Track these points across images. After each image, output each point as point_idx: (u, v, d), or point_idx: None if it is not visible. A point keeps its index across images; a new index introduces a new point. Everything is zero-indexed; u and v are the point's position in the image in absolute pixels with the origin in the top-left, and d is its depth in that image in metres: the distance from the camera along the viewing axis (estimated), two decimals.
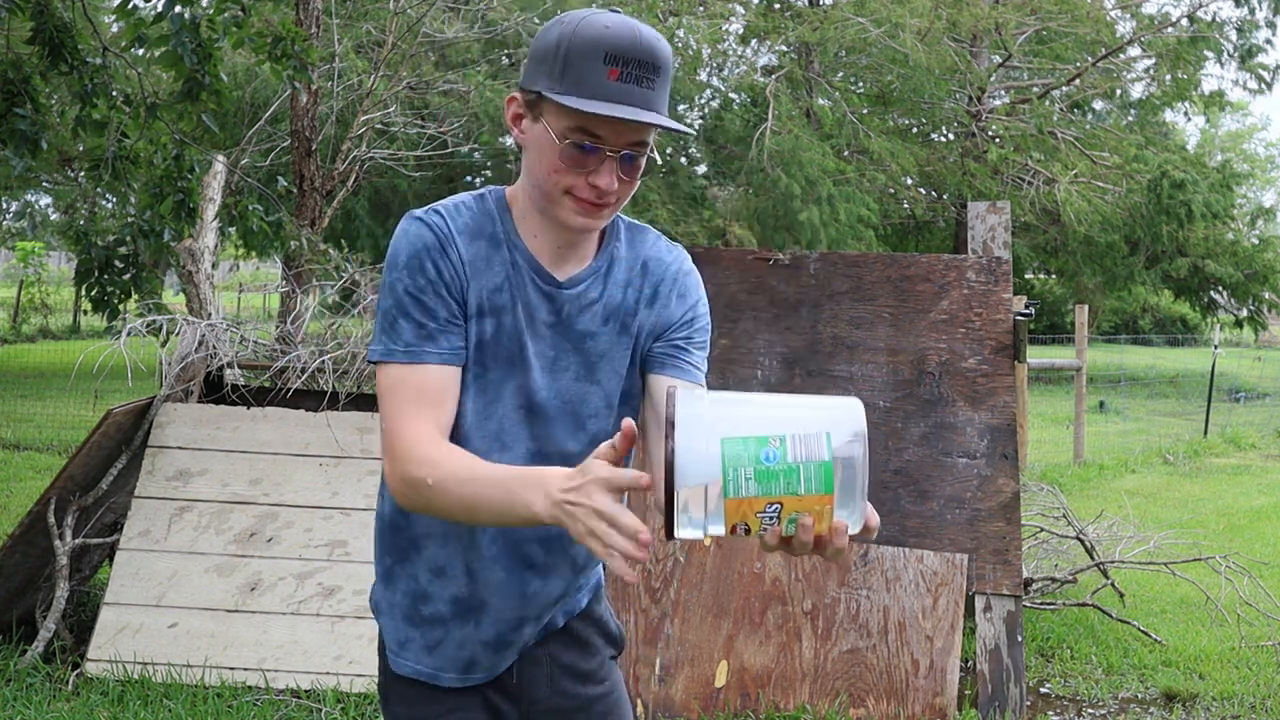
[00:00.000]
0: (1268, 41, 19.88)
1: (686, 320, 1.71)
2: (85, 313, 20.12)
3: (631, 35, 1.51)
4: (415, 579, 1.71)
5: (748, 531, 1.29)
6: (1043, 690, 4.69)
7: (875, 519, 1.35)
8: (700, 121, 19.32)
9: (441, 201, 1.66)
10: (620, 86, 1.50)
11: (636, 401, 1.73)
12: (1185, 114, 23.65)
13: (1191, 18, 19.62)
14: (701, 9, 18.10)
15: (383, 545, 1.74)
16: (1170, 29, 19.59)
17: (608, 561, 1.32)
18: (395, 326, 1.58)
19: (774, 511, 1.28)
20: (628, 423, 1.38)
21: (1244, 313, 20.92)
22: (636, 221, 1.78)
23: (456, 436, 1.61)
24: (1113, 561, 5.70)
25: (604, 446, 1.38)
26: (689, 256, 1.77)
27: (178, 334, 5.01)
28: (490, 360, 1.62)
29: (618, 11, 1.56)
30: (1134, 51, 20.29)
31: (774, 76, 17.47)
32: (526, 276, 1.63)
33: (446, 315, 1.58)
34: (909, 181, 19.26)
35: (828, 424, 1.29)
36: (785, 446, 1.28)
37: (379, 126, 11.41)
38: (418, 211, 1.63)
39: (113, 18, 10.54)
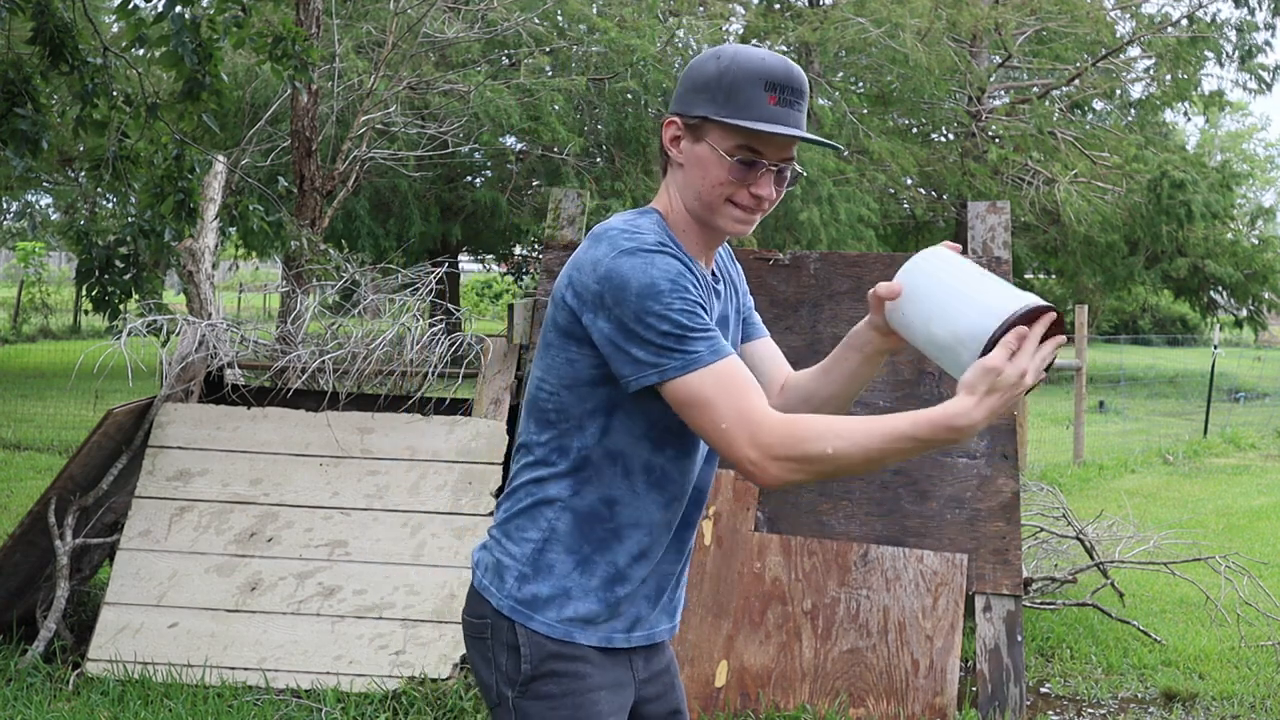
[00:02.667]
0: (1267, 42, 19.90)
1: (748, 289, 2.07)
2: (86, 313, 20.13)
3: (785, 67, 1.78)
4: (614, 564, 1.85)
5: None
6: (1043, 690, 4.70)
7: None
8: None
9: (634, 228, 1.79)
10: (778, 110, 1.77)
11: None
12: (1185, 114, 23.64)
13: (1191, 18, 19.61)
14: (702, 9, 18.10)
15: (579, 537, 1.84)
16: (1170, 29, 19.59)
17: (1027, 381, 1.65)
18: (685, 341, 1.71)
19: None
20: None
21: (1244, 313, 20.91)
22: None
23: (669, 433, 1.84)
24: (1113, 561, 5.71)
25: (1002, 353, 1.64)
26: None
27: (178, 334, 5.01)
28: None
29: (757, 46, 1.86)
30: (1134, 52, 20.29)
31: None
32: (704, 282, 1.85)
33: (715, 322, 1.84)
34: (909, 181, 19.25)
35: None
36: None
37: (379, 126, 11.42)
38: (632, 244, 1.74)
39: (113, 18, 10.54)
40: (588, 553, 1.84)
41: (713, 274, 1.92)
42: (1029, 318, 1.63)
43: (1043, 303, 1.64)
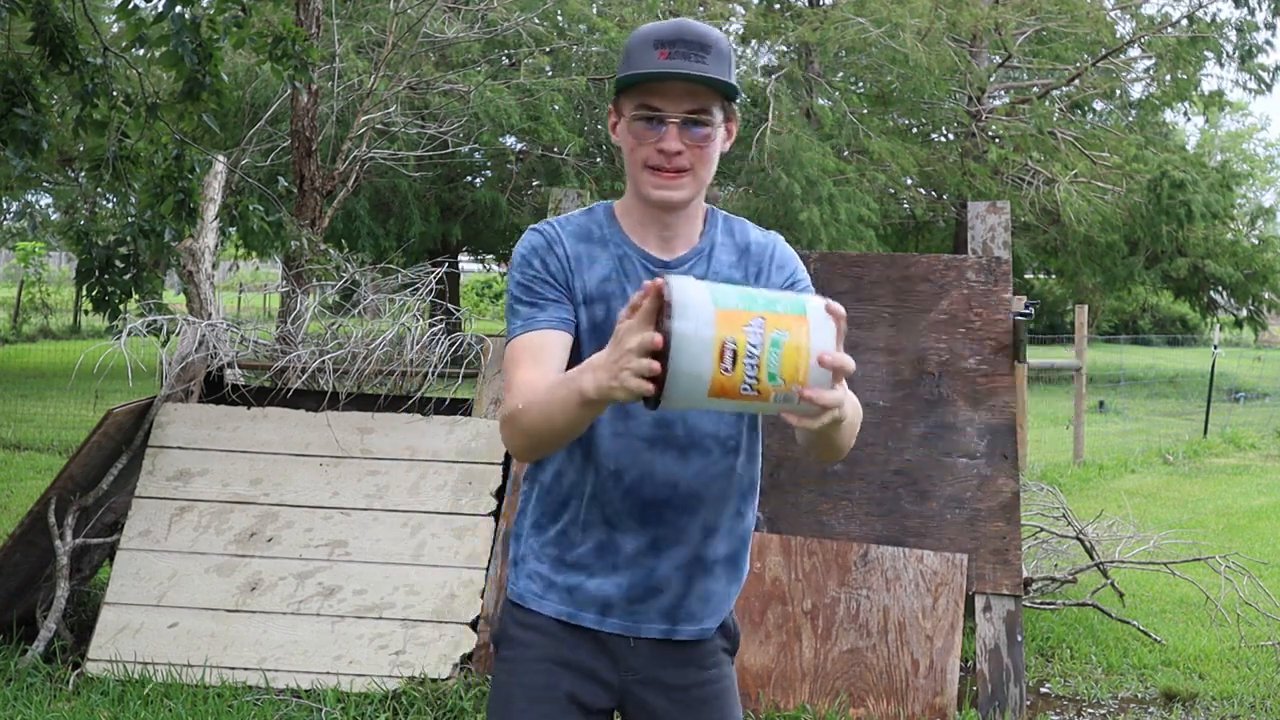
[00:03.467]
0: (1267, 42, 19.88)
1: (789, 285, 1.93)
2: (86, 313, 20.13)
3: (678, 23, 1.79)
4: (565, 532, 1.90)
5: (735, 356, 1.44)
6: (1043, 690, 4.70)
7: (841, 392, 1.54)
8: None
9: (552, 217, 1.95)
10: (669, 63, 1.76)
11: None
12: (1185, 114, 23.64)
13: (1191, 18, 19.61)
14: (702, 9, 18.09)
15: (538, 507, 1.93)
16: (1170, 29, 19.59)
17: (630, 384, 1.50)
18: (515, 312, 1.85)
19: (758, 325, 1.46)
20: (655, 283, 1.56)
21: (1244, 313, 20.91)
22: (731, 214, 2.00)
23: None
24: (1113, 561, 5.71)
25: (626, 309, 1.57)
26: (782, 238, 2.00)
27: (178, 334, 5.01)
28: (603, 340, 1.79)
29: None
30: (1134, 52, 20.29)
31: (774, 76, 17.46)
32: (636, 264, 1.88)
33: (553, 296, 1.84)
34: (909, 181, 19.25)
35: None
36: (764, 289, 1.59)
37: (379, 126, 11.41)
38: (536, 224, 1.92)
39: (113, 18, 10.54)
40: (542, 521, 1.93)
41: (662, 263, 1.87)
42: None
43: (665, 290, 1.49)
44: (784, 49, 18.66)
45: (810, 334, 1.48)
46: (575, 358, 1.82)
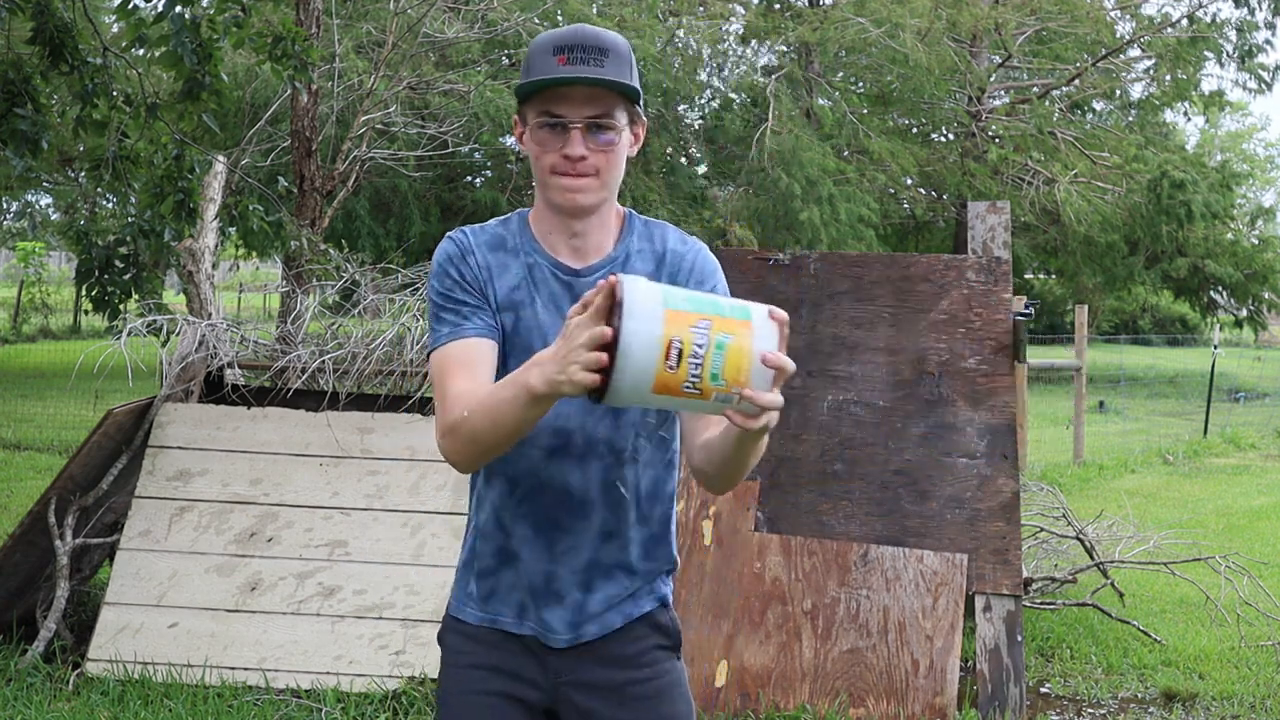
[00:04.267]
0: (1267, 42, 19.88)
1: (716, 283, 1.93)
2: (86, 313, 20.12)
3: (575, 30, 1.78)
4: (475, 539, 1.95)
5: (680, 354, 1.49)
6: (1043, 690, 4.69)
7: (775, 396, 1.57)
8: (700, 121, 19.32)
9: (468, 225, 1.95)
10: (567, 68, 1.76)
11: None
12: (1185, 114, 23.65)
13: (1191, 18, 19.61)
14: (701, 9, 18.10)
15: (470, 525, 1.99)
16: (1170, 29, 19.59)
17: (578, 377, 1.53)
18: (438, 320, 1.84)
19: (704, 327, 1.51)
20: (610, 279, 1.55)
21: (1244, 313, 20.91)
22: (653, 219, 1.98)
23: None
24: (1113, 561, 5.71)
25: (577, 305, 1.58)
26: (705, 247, 1.96)
27: (178, 334, 5.01)
28: (510, 350, 1.86)
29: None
30: (1134, 52, 20.29)
31: (774, 76, 17.46)
32: (547, 273, 1.87)
33: (474, 303, 1.84)
34: (909, 181, 19.26)
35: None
36: (713, 295, 1.65)
37: (379, 126, 11.41)
38: (451, 231, 1.91)
39: (113, 18, 10.54)
40: (469, 536, 1.98)
41: (573, 271, 1.86)
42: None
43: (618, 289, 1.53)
44: (784, 49, 18.66)
45: (754, 338, 1.54)
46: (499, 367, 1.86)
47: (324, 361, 4.94)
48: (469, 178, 18.63)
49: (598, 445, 1.86)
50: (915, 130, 20.50)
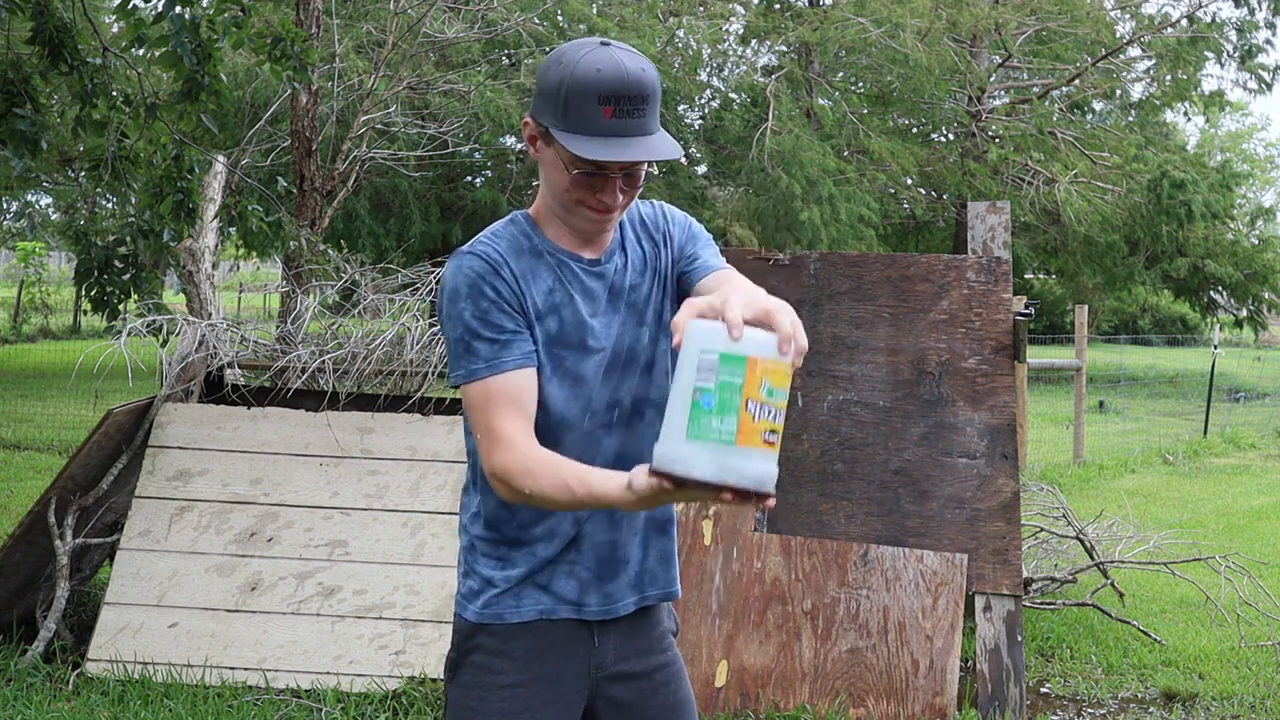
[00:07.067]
0: (1268, 41, 19.86)
1: (687, 237, 1.99)
2: (85, 313, 20.11)
3: (618, 74, 1.73)
4: (534, 553, 1.91)
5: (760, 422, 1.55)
6: (1043, 690, 4.69)
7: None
8: (700, 121, 19.32)
9: (478, 236, 1.90)
10: (615, 123, 1.74)
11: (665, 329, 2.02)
12: (1185, 114, 23.64)
13: (1191, 18, 19.60)
14: (701, 9, 18.09)
15: (495, 540, 1.92)
16: (1170, 29, 19.58)
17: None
18: (471, 349, 1.80)
19: (767, 410, 1.55)
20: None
21: (1244, 313, 20.89)
22: None
23: (550, 419, 1.86)
24: (1113, 561, 5.70)
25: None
26: (664, 202, 2.05)
27: (178, 334, 5.01)
28: (562, 349, 1.87)
29: (609, 44, 1.77)
30: (1134, 52, 20.28)
31: (774, 76, 17.46)
32: (575, 269, 1.89)
33: (513, 327, 1.82)
34: (909, 181, 19.25)
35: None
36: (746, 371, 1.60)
37: (379, 126, 11.41)
38: (464, 248, 1.87)
39: (113, 18, 10.53)
40: (505, 551, 1.92)
41: (594, 262, 1.90)
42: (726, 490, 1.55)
43: (743, 487, 1.54)
44: (784, 49, 18.66)
45: (784, 360, 1.55)
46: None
47: (324, 361, 4.94)
48: (469, 178, 18.63)
49: (643, 407, 1.93)
50: (915, 130, 20.50)
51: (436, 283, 5.86)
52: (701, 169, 19.17)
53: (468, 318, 1.80)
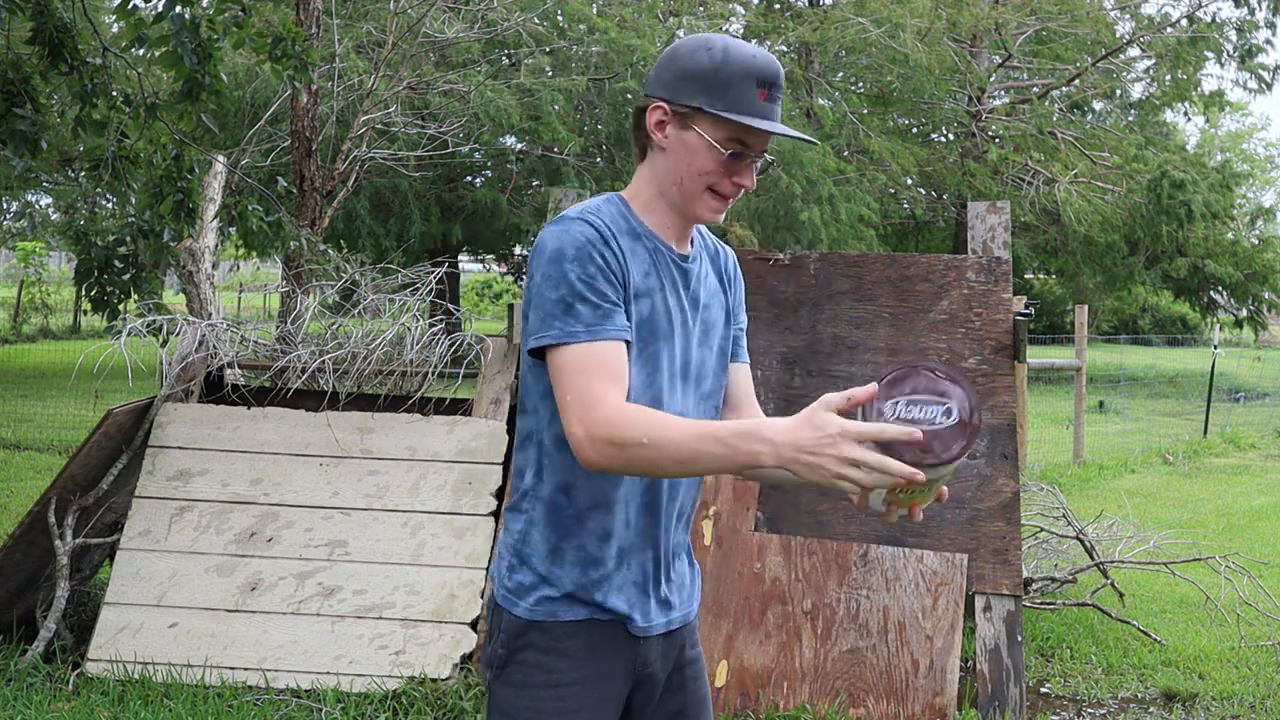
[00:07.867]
0: (1268, 41, 19.87)
1: (738, 301, 2.06)
2: (85, 313, 20.13)
3: (771, 64, 1.84)
4: (584, 548, 1.88)
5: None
6: (1043, 690, 4.69)
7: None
8: None
9: (579, 207, 1.87)
10: (766, 105, 1.84)
11: (725, 375, 2.03)
12: (1185, 114, 23.64)
13: (1191, 18, 19.60)
14: (702, 9, 18.10)
15: (548, 526, 1.88)
16: (1170, 29, 19.59)
17: (854, 498, 1.61)
18: (572, 310, 1.75)
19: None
20: (872, 386, 1.59)
21: (1244, 313, 20.89)
22: None
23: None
24: (1113, 561, 5.70)
25: (837, 396, 1.60)
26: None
27: (178, 334, 5.01)
28: (649, 334, 1.86)
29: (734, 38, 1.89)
30: (1134, 52, 20.29)
31: None
32: (667, 259, 1.90)
33: (615, 299, 1.79)
34: (909, 181, 19.25)
35: None
36: None
37: (379, 126, 11.41)
38: (571, 213, 1.84)
39: (113, 18, 10.53)
40: (555, 541, 1.88)
41: (683, 257, 1.93)
42: (939, 436, 1.59)
43: (951, 443, 1.59)
44: (784, 49, 18.65)
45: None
46: None
47: (324, 361, 4.94)
48: (469, 178, 18.63)
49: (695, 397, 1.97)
50: (915, 130, 20.50)
51: (437, 283, 5.86)
52: None
53: (573, 279, 1.76)
